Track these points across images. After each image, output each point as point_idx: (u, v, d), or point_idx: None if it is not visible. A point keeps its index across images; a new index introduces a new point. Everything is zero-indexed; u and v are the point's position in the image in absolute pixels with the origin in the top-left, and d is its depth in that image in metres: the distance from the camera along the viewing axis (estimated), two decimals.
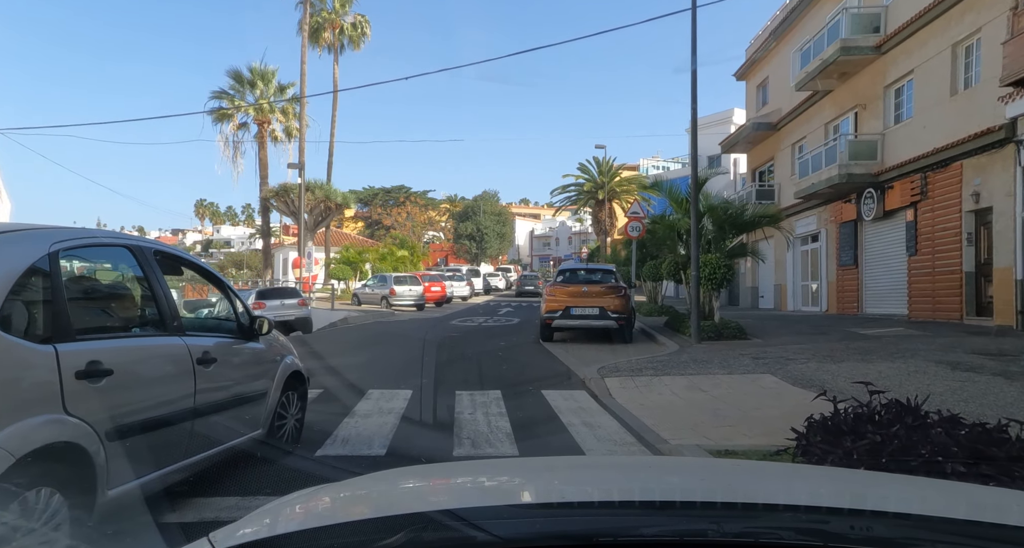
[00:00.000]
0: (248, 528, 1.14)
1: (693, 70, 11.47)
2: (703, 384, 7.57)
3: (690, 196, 13.42)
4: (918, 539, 0.95)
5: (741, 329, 11.97)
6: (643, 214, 19.76)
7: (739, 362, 8.96)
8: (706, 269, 11.85)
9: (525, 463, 2.51)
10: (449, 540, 0.96)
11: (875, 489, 1.39)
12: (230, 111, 32.64)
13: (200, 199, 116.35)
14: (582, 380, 8.40)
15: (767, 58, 24.14)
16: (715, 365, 8.80)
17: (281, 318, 17.37)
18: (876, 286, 16.56)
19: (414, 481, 1.57)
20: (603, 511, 1.14)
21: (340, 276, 32.10)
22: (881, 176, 15.63)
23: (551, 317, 12.60)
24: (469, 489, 1.46)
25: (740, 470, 1.73)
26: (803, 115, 20.55)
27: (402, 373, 9.00)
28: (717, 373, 8.19)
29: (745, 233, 13.83)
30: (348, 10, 36.86)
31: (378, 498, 1.40)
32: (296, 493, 1.47)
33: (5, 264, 2.59)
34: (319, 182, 32.74)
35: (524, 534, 0.98)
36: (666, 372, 8.39)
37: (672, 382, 7.75)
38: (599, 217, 41.37)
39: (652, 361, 9.41)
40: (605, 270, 13.97)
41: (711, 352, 10.18)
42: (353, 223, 66.38)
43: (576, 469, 1.77)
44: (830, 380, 7.28)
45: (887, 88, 15.83)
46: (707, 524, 0.98)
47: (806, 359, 8.92)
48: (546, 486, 1.46)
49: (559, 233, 79.65)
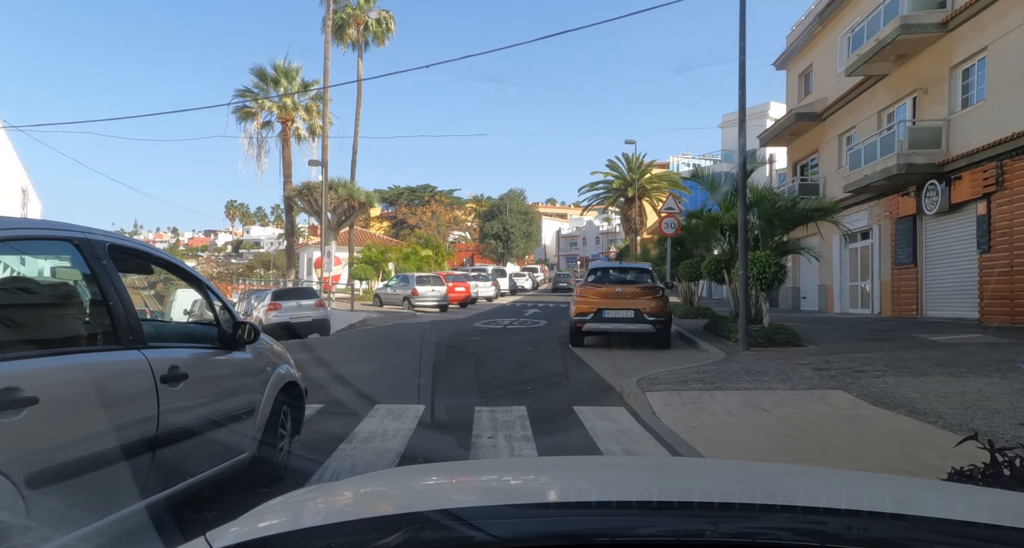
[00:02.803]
0: (245, 527, 1.12)
1: (741, 47, 10.36)
2: (763, 402, 6.46)
3: (738, 186, 12.25)
4: (915, 540, 0.96)
5: (794, 334, 10.77)
6: (678, 210, 18.64)
7: (799, 374, 7.81)
8: (754, 267, 10.68)
9: (523, 463, 2.34)
10: (447, 540, 0.95)
11: (872, 490, 1.38)
12: (254, 109, 32.36)
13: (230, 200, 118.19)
14: (620, 394, 7.35)
15: (811, 44, 22.67)
16: (772, 377, 7.67)
17: (297, 320, 16.70)
18: (939, 287, 15.09)
19: (412, 481, 1.57)
20: (601, 511, 1.12)
21: (362, 276, 31.50)
22: (946, 166, 14.18)
23: (582, 320, 11.55)
24: (467, 489, 1.45)
25: (737, 470, 1.74)
26: (853, 103, 19.08)
27: (416, 384, 8.07)
28: (777, 388, 7.06)
29: (793, 229, 12.57)
30: (372, 5, 36.32)
31: (376, 498, 1.40)
32: (294, 492, 1.46)
33: None
34: (342, 180, 32.21)
35: (522, 534, 0.97)
36: (716, 385, 7.29)
37: (726, 399, 6.65)
38: (628, 215, 40.04)
39: (698, 371, 8.30)
40: (640, 269, 12.84)
41: (763, 361, 9.02)
42: (379, 223, 66.12)
43: (574, 469, 1.75)
44: (919, 399, 6.11)
45: (954, 69, 14.36)
46: (704, 524, 0.97)
47: (879, 371, 7.72)
48: (544, 486, 1.46)
49: (586, 233, 78.41)
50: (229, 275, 46.79)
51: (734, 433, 5.41)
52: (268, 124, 32.94)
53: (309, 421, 5.92)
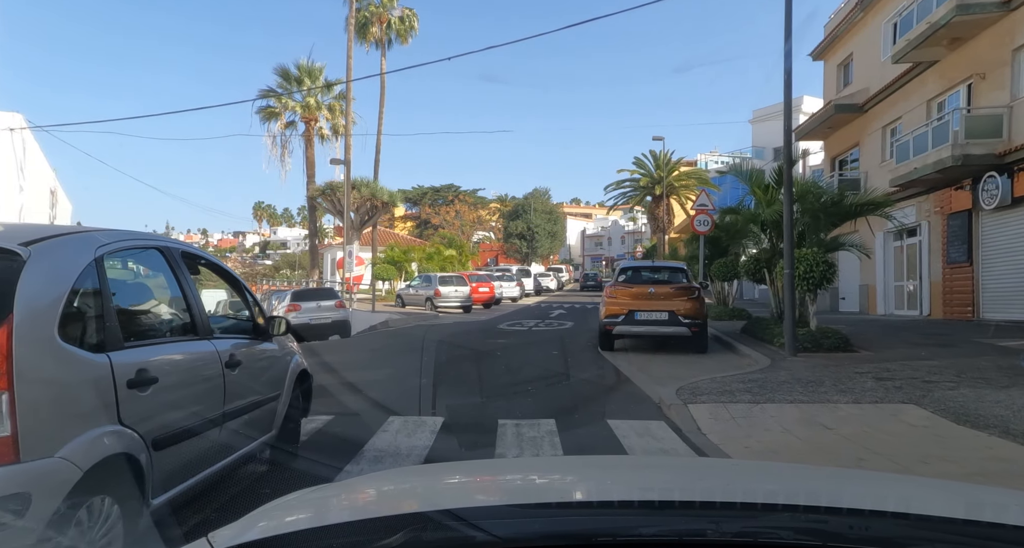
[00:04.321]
0: (247, 528, 1.12)
1: (787, 32, 9.57)
2: (824, 417, 5.70)
3: (783, 178, 11.42)
4: (916, 538, 0.95)
5: (844, 338, 9.91)
6: (711, 206, 17.79)
7: (859, 384, 7.01)
8: (801, 266, 9.86)
9: (524, 463, 2.36)
10: (448, 540, 0.95)
11: (873, 489, 1.37)
12: (277, 109, 32.27)
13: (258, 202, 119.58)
14: (658, 405, 6.65)
15: (852, 32, 21.56)
16: (829, 388, 6.88)
17: (317, 321, 16.23)
18: (999, 287, 13.99)
19: (413, 481, 1.58)
20: (602, 511, 1.12)
21: (384, 276, 31.12)
22: (1007, 157, 13.10)
23: (612, 322, 10.84)
24: (468, 489, 1.44)
25: (738, 470, 1.74)
26: (899, 92, 17.98)
27: (434, 392, 7.48)
28: (838, 401, 6.28)
29: (840, 224, 11.67)
30: (396, 3, 36.00)
31: (377, 498, 1.40)
32: (295, 493, 1.44)
33: (61, 269, 2.43)
34: (365, 180, 31.90)
35: (523, 534, 0.97)
36: (767, 397, 6.54)
37: (780, 413, 5.91)
38: (656, 214, 39.08)
39: (743, 380, 7.55)
40: (674, 268, 12.07)
41: (815, 369, 8.22)
42: (403, 223, 66.02)
43: (575, 469, 1.72)
44: (1012, 418, 5.29)
45: (1017, 51, 13.26)
46: (706, 524, 0.97)
47: (951, 382, 6.89)
48: (545, 486, 1.44)
49: (611, 232, 77.38)
50: (254, 276, 47.02)
51: (796, 455, 4.69)
52: (292, 124, 32.82)
53: (314, 437, 5.38)
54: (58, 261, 2.43)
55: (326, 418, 5.95)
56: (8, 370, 2.04)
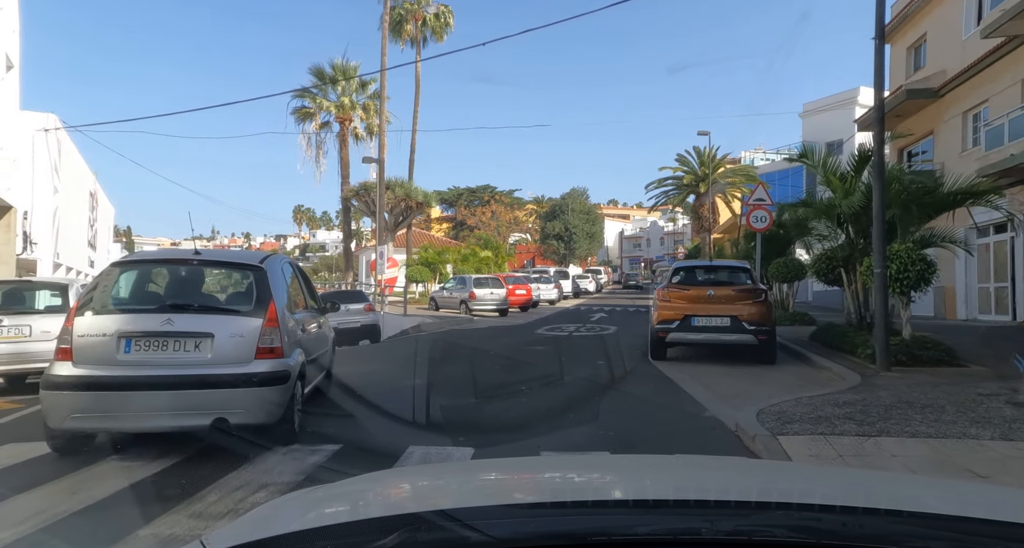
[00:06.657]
0: (241, 529, 1.14)
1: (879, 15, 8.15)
2: (966, 459, 4.34)
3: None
4: (909, 535, 0.95)
5: (948, 350, 8.40)
6: (769, 201, 16.25)
7: (994, 412, 5.58)
8: (892, 264, 8.40)
9: (519, 463, 2.31)
10: (443, 541, 0.96)
11: (867, 487, 1.39)
12: (312, 110, 31.92)
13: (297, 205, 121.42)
14: (735, 433, 5.38)
15: (925, 10, 19.63)
16: (955, 416, 5.47)
17: (345, 326, 15.22)
18: None
19: (409, 482, 1.59)
20: (597, 510, 1.12)
21: (418, 278, 30.27)
22: None
23: (665, 329, 9.55)
24: (464, 489, 1.44)
25: (733, 468, 1.71)
26: (985, 73, 16.08)
27: (463, 413, 6.36)
28: (978, 436, 4.87)
29: (936, 216, 10.10)
30: (431, 0, 35.30)
31: (373, 499, 1.40)
32: (290, 494, 1.49)
33: (282, 272, 5.50)
34: (399, 180, 31.22)
35: (518, 534, 0.98)
36: (878, 428, 5.17)
37: (903, 451, 4.56)
38: (700, 212, 37.28)
39: (836, 402, 6.17)
40: (736, 267, 10.68)
41: (923, 388, 6.78)
42: (439, 225, 65.46)
43: (571, 469, 1.73)
44: None
45: None
46: (701, 522, 0.97)
47: None
48: (540, 486, 1.45)
49: (650, 233, 75.34)
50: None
51: None
52: (326, 124, 32.43)
53: (315, 473, 4.33)
54: (278, 268, 5.42)
55: (333, 448, 4.90)
56: (279, 322, 4.85)
